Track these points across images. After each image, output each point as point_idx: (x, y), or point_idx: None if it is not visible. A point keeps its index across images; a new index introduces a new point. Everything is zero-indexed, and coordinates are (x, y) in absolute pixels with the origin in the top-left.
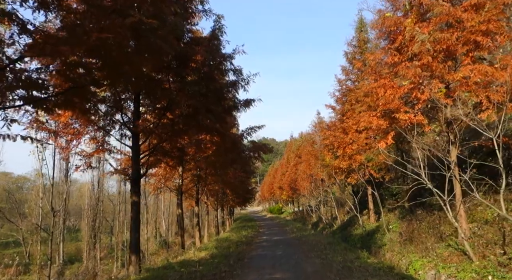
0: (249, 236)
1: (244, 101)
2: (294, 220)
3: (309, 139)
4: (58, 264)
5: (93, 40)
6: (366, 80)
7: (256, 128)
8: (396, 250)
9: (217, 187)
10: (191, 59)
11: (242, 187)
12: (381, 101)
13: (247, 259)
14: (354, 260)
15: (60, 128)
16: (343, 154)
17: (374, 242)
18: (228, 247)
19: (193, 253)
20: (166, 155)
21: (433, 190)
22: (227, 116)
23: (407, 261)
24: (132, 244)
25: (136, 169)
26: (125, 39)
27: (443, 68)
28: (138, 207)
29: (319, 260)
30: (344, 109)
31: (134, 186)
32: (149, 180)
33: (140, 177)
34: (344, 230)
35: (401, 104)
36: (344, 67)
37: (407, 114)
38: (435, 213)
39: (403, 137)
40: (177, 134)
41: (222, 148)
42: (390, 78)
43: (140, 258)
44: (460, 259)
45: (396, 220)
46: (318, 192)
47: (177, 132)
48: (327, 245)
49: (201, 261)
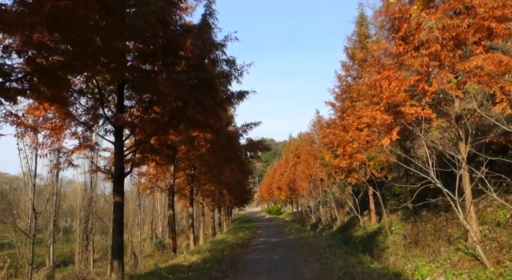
0: (246, 238)
1: (238, 93)
2: (293, 221)
3: (308, 138)
4: (48, 267)
5: (48, 9)
6: (368, 73)
7: (253, 124)
8: (400, 253)
9: (213, 187)
10: (180, 47)
11: (240, 187)
12: (385, 93)
13: (242, 264)
14: (356, 265)
15: (38, 123)
16: (343, 153)
17: (376, 245)
18: (222, 250)
19: (184, 257)
20: (154, 152)
21: (443, 190)
22: (220, 109)
23: (413, 266)
24: (114, 249)
25: (120, 166)
26: (91, 11)
27: (453, 57)
28: (121, 208)
29: (318, 265)
30: (344, 106)
31: (117, 185)
32: (139, 180)
33: (124, 176)
34: (344, 231)
35: (407, 97)
36: (344, 63)
37: (414, 108)
38: (441, 214)
39: (407, 134)
40: (164, 128)
41: (217, 145)
42: (395, 70)
43: (123, 264)
44: (471, 265)
45: (399, 221)
46: (317, 193)
47: (164, 126)
48: (327, 248)
49: (192, 266)
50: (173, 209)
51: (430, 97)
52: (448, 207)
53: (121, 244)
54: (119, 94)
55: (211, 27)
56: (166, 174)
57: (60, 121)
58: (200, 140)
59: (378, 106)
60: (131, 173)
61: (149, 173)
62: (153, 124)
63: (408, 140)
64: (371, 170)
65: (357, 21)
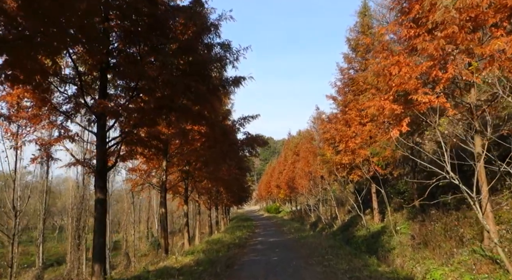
0: (243, 237)
1: (233, 79)
2: (292, 219)
3: (308, 135)
4: (37, 267)
5: None
6: (376, 59)
7: (250, 118)
8: (408, 255)
9: (210, 184)
10: (168, 27)
11: (237, 185)
12: (395, 80)
13: (237, 266)
14: (362, 268)
15: (13, 111)
16: (345, 149)
17: (381, 246)
18: (218, 251)
19: (176, 258)
20: (142, 145)
21: (461, 187)
22: (214, 98)
23: (424, 269)
24: (95, 251)
25: (102, 159)
26: None
27: (471, 41)
28: (104, 205)
29: (320, 268)
30: (346, 100)
31: (99, 180)
32: (130, 176)
33: (106, 170)
34: (346, 231)
35: (418, 85)
36: (347, 55)
37: (427, 96)
38: (452, 213)
39: (414, 127)
40: (152, 118)
41: (212, 139)
42: (405, 56)
43: (105, 268)
44: (490, 269)
45: (404, 220)
46: (317, 191)
47: (151, 115)
48: (329, 249)
49: (184, 268)
50: (165, 207)
51: (445, 84)
52: (459, 205)
53: (102, 245)
54: (102, 80)
55: (203, 5)
56: (158, 170)
57: (37, 109)
58: (195, 134)
59: (387, 95)
60: (119, 168)
61: (140, 169)
62: (138, 113)
63: (416, 133)
64: (375, 167)
65: (360, 12)
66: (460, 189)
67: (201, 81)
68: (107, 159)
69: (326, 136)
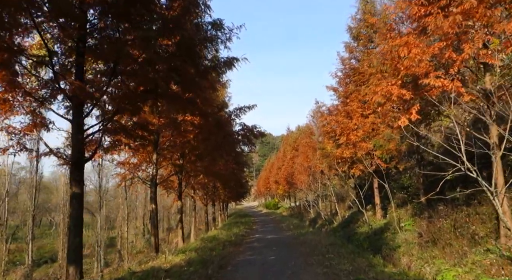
0: (240, 234)
1: (225, 60)
2: (291, 215)
3: (307, 130)
4: (26, 265)
5: None
6: (383, 40)
7: (246, 108)
8: (415, 254)
9: (206, 180)
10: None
11: (235, 180)
12: (404, 63)
13: (231, 267)
14: (366, 269)
15: None
16: (346, 142)
17: (385, 243)
18: (212, 249)
19: (165, 258)
20: (127, 135)
21: (479, 180)
22: (204, 81)
23: (434, 270)
24: (70, 252)
25: (78, 150)
26: None
27: (491, 17)
28: (80, 201)
29: (321, 268)
30: (347, 91)
31: (75, 173)
32: (118, 169)
33: (83, 161)
34: (346, 227)
35: (430, 68)
36: (348, 44)
37: (440, 80)
38: (462, 208)
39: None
40: (134, 104)
41: (205, 130)
42: (415, 36)
43: (81, 270)
44: (510, 270)
45: (409, 217)
46: (317, 186)
47: (133, 101)
48: (329, 247)
49: (173, 269)
50: (156, 203)
51: (460, 67)
52: (469, 201)
53: (78, 245)
54: (78, 61)
55: None
56: (149, 163)
57: (3, 93)
58: (187, 125)
59: (394, 80)
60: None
61: (129, 162)
62: (119, 99)
63: (424, 123)
64: (377, 161)
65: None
66: (472, 182)
67: (190, 62)
68: (84, 149)
69: (326, 129)
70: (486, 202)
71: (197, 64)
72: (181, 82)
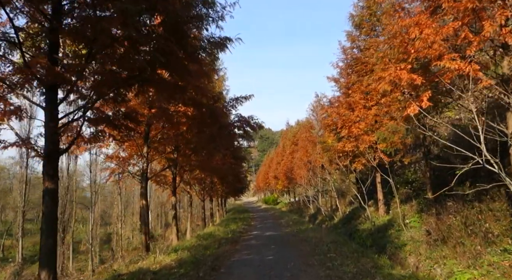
0: (238, 231)
1: (216, 40)
2: (290, 211)
3: (307, 124)
4: (16, 263)
5: None
6: (391, 20)
7: (243, 98)
8: (423, 253)
9: (203, 175)
10: None
11: (233, 175)
12: (416, 44)
13: (225, 268)
14: (372, 271)
15: None
16: (348, 135)
17: (390, 241)
18: (207, 247)
19: (154, 258)
20: (110, 124)
21: (501, 174)
22: (193, 65)
23: (446, 272)
24: (42, 254)
25: (51, 140)
26: None
27: None
28: (54, 198)
29: (324, 270)
30: (349, 82)
31: (48, 166)
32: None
33: (58, 153)
34: (347, 223)
35: (444, 50)
36: (350, 32)
37: (456, 62)
38: (474, 205)
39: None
40: (114, 89)
41: (199, 121)
42: (427, 16)
43: (55, 275)
44: None
45: (414, 213)
46: (317, 181)
47: (112, 85)
48: (331, 245)
49: (162, 271)
50: (146, 199)
51: (478, 48)
52: (480, 196)
53: (51, 247)
54: (50, 39)
55: None
56: (140, 157)
57: None
58: (180, 116)
59: (403, 64)
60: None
61: (118, 156)
62: (98, 84)
63: (432, 114)
64: (381, 154)
65: None
66: (482, 176)
67: (177, 43)
68: (58, 140)
69: (327, 122)
70: (499, 197)
71: (185, 45)
72: (168, 65)
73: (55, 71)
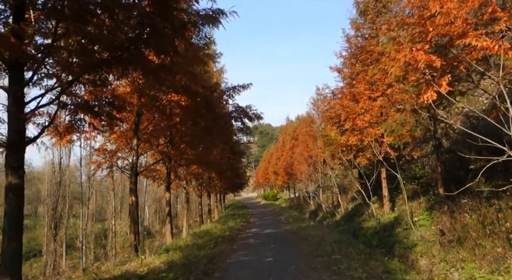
0: (236, 228)
1: (208, 14)
2: (290, 207)
3: (308, 118)
4: None
5: None
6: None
7: (240, 87)
8: (437, 255)
9: (200, 169)
10: None
11: (231, 170)
12: (437, 20)
13: (219, 273)
14: (384, 276)
15: None
16: (352, 128)
17: (398, 241)
18: (201, 247)
19: (141, 261)
20: (89, 111)
21: None
22: (180, 42)
23: (465, 277)
24: (5, 260)
25: (16, 129)
26: None
27: None
28: (18, 194)
29: (329, 275)
30: (354, 71)
31: (11, 158)
32: (92, 157)
33: (24, 144)
34: (350, 221)
35: (468, 26)
36: (354, 20)
37: (483, 40)
38: (492, 202)
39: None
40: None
41: (193, 111)
42: None
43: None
44: None
45: (423, 210)
46: (318, 176)
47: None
48: (335, 245)
49: (149, 275)
50: (136, 195)
51: (506, 24)
52: (498, 193)
53: (16, 251)
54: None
55: None
56: (130, 151)
57: None
58: (173, 106)
59: (420, 44)
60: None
61: (105, 149)
62: (70, 63)
63: (442, 106)
64: (387, 148)
65: None
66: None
67: (161, 15)
68: (24, 128)
69: (329, 114)
70: None
71: (171, 18)
72: (152, 41)
73: (17, 45)
